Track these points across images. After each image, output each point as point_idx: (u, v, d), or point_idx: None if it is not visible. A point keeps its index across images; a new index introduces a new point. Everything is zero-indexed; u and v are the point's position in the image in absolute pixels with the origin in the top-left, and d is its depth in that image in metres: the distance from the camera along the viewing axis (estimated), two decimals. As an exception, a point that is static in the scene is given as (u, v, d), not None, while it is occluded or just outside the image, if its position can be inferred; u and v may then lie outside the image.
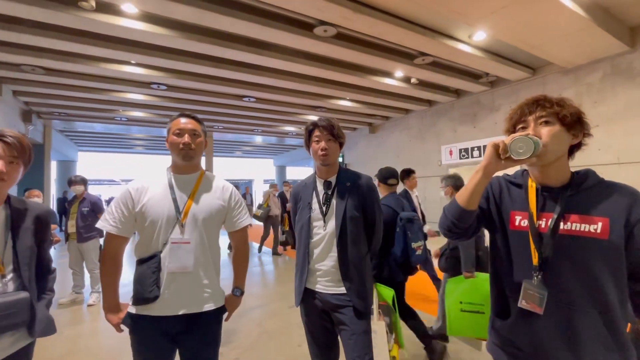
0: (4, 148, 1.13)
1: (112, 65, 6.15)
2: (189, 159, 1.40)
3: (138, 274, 1.31)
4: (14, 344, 1.13)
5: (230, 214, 1.50)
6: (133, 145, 17.51)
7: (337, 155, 1.61)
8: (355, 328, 1.46)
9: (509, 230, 1.02)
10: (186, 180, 1.42)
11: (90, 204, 4.17)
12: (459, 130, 9.16)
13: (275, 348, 2.88)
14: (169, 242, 1.32)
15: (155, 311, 1.30)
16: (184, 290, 1.33)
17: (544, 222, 0.96)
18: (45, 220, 1.29)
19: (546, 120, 0.94)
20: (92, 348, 2.96)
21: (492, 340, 1.06)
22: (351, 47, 5.52)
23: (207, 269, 1.39)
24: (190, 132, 1.39)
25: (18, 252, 1.15)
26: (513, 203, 1.03)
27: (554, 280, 0.91)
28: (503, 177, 1.11)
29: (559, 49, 5.70)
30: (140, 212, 1.34)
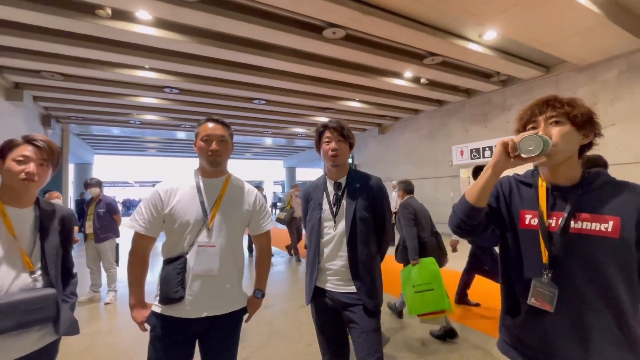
0: (34, 151, 1.20)
1: (127, 70, 6.33)
2: (216, 165, 1.43)
3: (164, 274, 1.34)
4: (41, 340, 1.19)
5: (255, 218, 1.53)
6: (146, 148, 17.90)
7: (347, 156, 1.64)
8: (365, 326, 1.48)
9: (519, 229, 1.03)
10: (213, 184, 1.45)
11: (105, 205, 4.29)
12: (470, 130, 9.06)
13: (286, 347, 2.92)
14: (195, 245, 1.35)
15: (179, 313, 1.32)
16: (207, 293, 1.35)
17: (554, 220, 0.96)
18: (69, 221, 1.36)
19: (556, 120, 0.94)
20: (109, 344, 3.06)
21: (502, 337, 1.07)
22: (360, 49, 5.54)
23: (231, 273, 1.42)
24: (218, 138, 1.41)
25: (45, 251, 1.22)
26: (523, 202, 1.04)
27: (564, 279, 0.92)
28: (513, 177, 1.12)
29: (572, 46, 5.60)
30: (169, 214, 1.37)
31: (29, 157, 1.18)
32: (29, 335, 1.15)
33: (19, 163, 1.17)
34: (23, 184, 1.17)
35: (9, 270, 1.13)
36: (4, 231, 1.15)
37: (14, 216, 1.18)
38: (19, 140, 1.20)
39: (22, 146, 1.19)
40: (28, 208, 1.23)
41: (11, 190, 1.19)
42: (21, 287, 1.14)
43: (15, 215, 1.19)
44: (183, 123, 10.87)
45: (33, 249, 1.20)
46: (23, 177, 1.16)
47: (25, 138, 1.21)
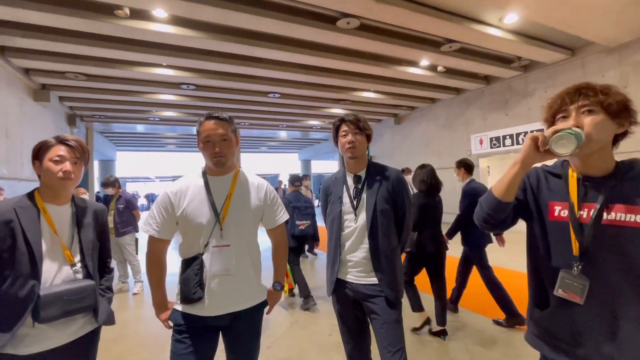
0: (68, 151, 1.27)
1: (145, 68, 6.48)
2: (221, 166, 1.40)
3: (183, 276, 1.36)
4: (83, 327, 1.28)
5: (268, 212, 1.52)
6: (165, 144, 18.37)
7: (364, 147, 1.64)
8: (387, 317, 1.50)
9: (548, 220, 1.01)
10: (222, 182, 1.43)
11: (125, 201, 4.47)
12: (490, 118, 8.79)
13: (307, 337, 2.99)
14: (210, 245, 1.35)
15: (200, 311, 1.34)
16: (226, 291, 1.36)
17: (585, 212, 0.94)
18: (102, 216, 1.43)
19: (589, 109, 0.90)
20: (140, 332, 3.22)
21: (530, 330, 1.06)
22: (375, 38, 5.44)
23: (247, 269, 1.42)
24: (219, 138, 1.36)
25: (83, 245, 1.30)
26: (552, 194, 1.02)
27: (595, 271, 0.90)
28: (541, 168, 1.09)
29: (600, 26, 5.30)
30: (182, 216, 1.36)
31: (64, 157, 1.25)
32: (73, 323, 1.24)
33: (56, 163, 1.23)
34: (61, 183, 1.23)
35: (53, 264, 1.21)
36: (47, 227, 1.23)
37: (54, 213, 1.26)
38: (52, 141, 1.26)
39: (56, 146, 1.25)
40: (66, 205, 1.31)
41: (50, 189, 1.26)
42: (63, 279, 1.23)
43: (55, 212, 1.26)
44: (200, 119, 11.05)
45: (72, 243, 1.28)
46: (61, 175, 1.23)
47: (57, 139, 1.27)
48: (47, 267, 1.19)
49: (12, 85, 6.22)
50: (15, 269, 1.14)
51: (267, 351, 2.73)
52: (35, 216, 1.21)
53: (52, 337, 1.19)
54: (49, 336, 1.18)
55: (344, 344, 1.71)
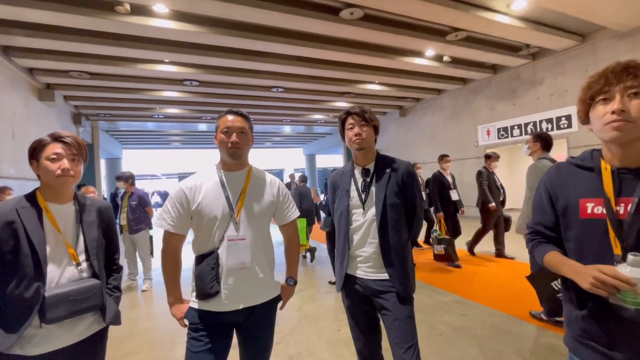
0: (64, 148, 1.23)
1: (148, 65, 6.46)
2: (237, 158, 1.41)
3: (198, 271, 1.35)
4: (91, 327, 1.27)
5: (280, 208, 1.53)
6: (170, 141, 18.43)
7: (371, 139, 1.59)
8: (399, 314, 1.46)
9: (579, 220, 0.93)
10: (236, 177, 1.44)
11: (137, 198, 4.47)
12: (497, 108, 8.64)
13: (316, 333, 2.97)
14: (225, 239, 1.36)
15: (216, 307, 1.34)
16: (242, 285, 1.37)
17: (622, 207, 0.86)
18: (106, 213, 1.40)
19: (637, 92, 0.81)
20: (149, 329, 3.24)
21: (567, 332, 1.00)
22: (379, 29, 5.34)
23: (262, 263, 1.43)
24: (237, 130, 1.39)
25: (87, 244, 1.28)
26: (581, 190, 0.93)
27: None
28: (567, 162, 1.01)
29: (612, 11, 5.13)
30: (197, 210, 1.37)
31: (60, 154, 1.21)
32: (80, 323, 1.23)
33: (52, 161, 1.20)
34: (60, 181, 1.21)
35: (58, 264, 1.19)
36: (50, 227, 1.20)
37: (57, 212, 1.23)
38: (47, 139, 1.23)
39: (51, 144, 1.22)
40: (68, 203, 1.28)
41: (50, 188, 1.23)
42: (69, 279, 1.21)
43: (57, 211, 1.24)
44: (204, 115, 11.06)
45: (77, 242, 1.26)
46: (59, 173, 1.20)
47: (52, 136, 1.24)
48: (52, 268, 1.17)
49: (17, 86, 6.25)
50: (20, 270, 1.12)
51: (276, 347, 2.70)
52: (37, 216, 1.18)
53: (59, 337, 1.18)
54: (56, 336, 1.17)
55: (354, 340, 1.68)
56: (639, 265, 0.75)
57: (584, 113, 0.95)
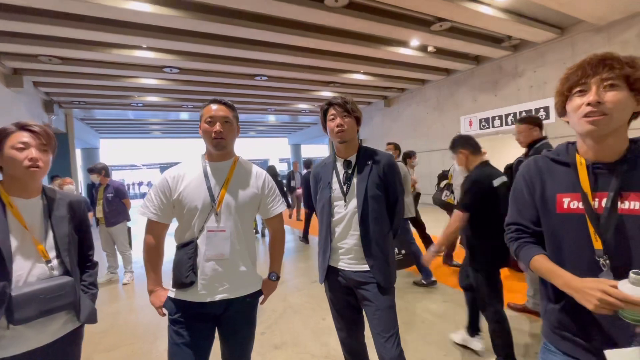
0: (32, 137, 1.15)
1: (124, 50, 6.17)
2: (221, 148, 1.39)
3: (176, 260, 1.35)
4: (65, 326, 1.21)
5: (265, 202, 1.51)
6: (150, 130, 17.85)
7: (354, 131, 1.57)
8: (380, 304, 1.49)
9: (555, 214, 0.94)
10: (220, 168, 1.42)
11: (114, 189, 4.32)
12: (479, 99, 8.78)
13: (301, 322, 3.00)
14: (205, 230, 1.35)
15: (193, 297, 1.34)
16: (221, 277, 1.36)
17: (596, 202, 0.87)
18: (79, 207, 1.33)
19: (612, 84, 0.82)
20: (130, 323, 3.19)
21: (544, 322, 1.02)
22: (364, 17, 5.27)
23: (243, 256, 1.42)
24: (221, 119, 1.37)
25: (57, 240, 1.21)
26: (558, 185, 0.94)
27: (620, 266, 0.84)
28: (543, 156, 1.01)
29: (591, 4, 5.25)
30: (178, 199, 1.36)
31: (28, 143, 1.13)
32: (53, 322, 1.17)
33: (19, 150, 1.12)
34: (28, 172, 1.13)
35: (25, 261, 1.13)
36: (15, 223, 1.13)
37: (22, 207, 1.16)
38: (12, 128, 1.15)
39: (17, 133, 1.14)
40: (35, 197, 1.20)
41: (16, 180, 1.15)
42: (39, 277, 1.15)
43: (23, 205, 1.16)
44: (185, 103, 10.74)
45: (46, 238, 1.19)
46: (28, 164, 1.12)
47: (17, 125, 1.16)
48: (19, 265, 1.11)
49: (-19, 70, 5.85)
50: None
51: (261, 337, 2.73)
52: (0, 212, 1.11)
53: (30, 338, 1.12)
54: (27, 337, 1.11)
55: (337, 331, 1.71)
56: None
57: (561, 105, 0.95)
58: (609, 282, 0.78)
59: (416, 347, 2.46)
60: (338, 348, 2.48)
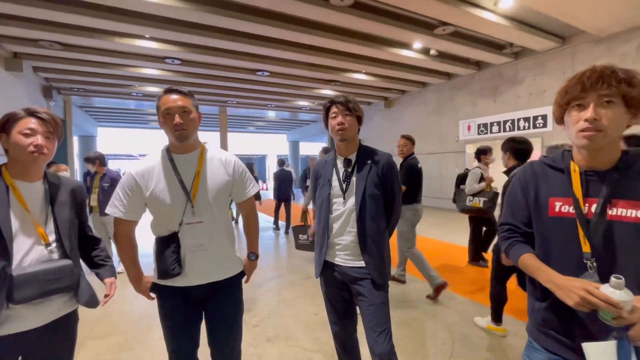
0: (39, 124, 1.18)
1: (127, 39, 6.14)
2: (184, 139, 1.35)
3: (159, 253, 1.36)
4: (61, 309, 1.24)
5: (238, 186, 1.51)
6: (149, 121, 17.74)
7: (354, 129, 1.60)
8: (374, 299, 1.53)
9: (547, 217, 0.98)
10: (188, 160, 1.40)
11: (110, 179, 4.31)
12: (479, 104, 8.85)
13: (294, 316, 3.04)
14: (184, 223, 1.36)
15: (178, 283, 1.38)
16: (203, 265, 1.40)
17: (587, 207, 0.91)
18: (80, 193, 1.36)
19: (609, 101, 0.84)
20: (124, 311, 3.20)
21: (531, 323, 1.06)
22: (368, 17, 5.30)
23: (222, 242, 1.45)
24: (179, 110, 1.31)
25: (58, 224, 1.23)
26: (552, 189, 0.98)
27: (605, 269, 0.88)
28: (539, 161, 1.05)
29: (593, 15, 5.32)
30: (151, 197, 1.34)
31: (35, 130, 1.16)
32: (51, 304, 1.20)
33: (26, 136, 1.15)
34: (32, 157, 1.15)
35: (25, 243, 1.15)
36: (17, 205, 1.15)
37: (25, 190, 1.18)
38: (21, 113, 1.17)
39: (25, 119, 1.17)
40: (37, 182, 1.23)
41: (20, 164, 1.18)
42: (38, 259, 1.17)
43: (26, 188, 1.19)
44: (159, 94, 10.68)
45: (46, 221, 1.22)
46: (32, 149, 1.15)
47: (27, 111, 1.18)
48: (18, 246, 1.13)
49: (-19, 53, 5.80)
50: None
51: (254, 329, 2.77)
52: (3, 192, 1.13)
53: (27, 319, 1.15)
54: (24, 317, 1.14)
55: (331, 325, 1.74)
56: (621, 287, 0.79)
57: (559, 115, 0.99)
58: (593, 283, 0.83)
59: (406, 344, 2.51)
60: (330, 343, 2.53)
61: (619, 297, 0.78)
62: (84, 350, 2.49)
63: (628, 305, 0.79)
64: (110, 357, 2.42)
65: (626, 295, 0.79)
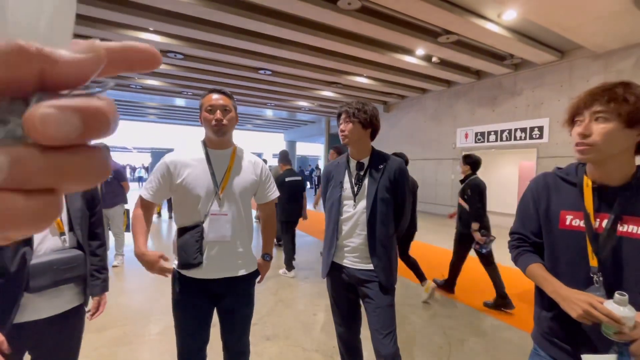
0: None
1: (130, 31, 6.09)
2: (221, 135, 1.45)
3: (182, 242, 1.40)
4: (71, 301, 1.25)
5: (262, 188, 1.60)
6: (146, 114, 17.58)
7: (356, 134, 1.61)
8: (380, 302, 1.56)
9: (557, 229, 0.99)
10: (221, 156, 1.49)
11: (113, 172, 4.29)
12: (477, 113, 8.97)
13: (292, 316, 3.06)
14: (209, 214, 1.42)
15: (197, 274, 1.43)
16: (222, 257, 1.45)
17: (597, 222, 0.93)
18: None
19: (602, 117, 0.88)
20: (121, 305, 3.18)
21: (537, 330, 1.09)
22: (374, 22, 5.35)
23: (242, 238, 1.51)
24: (221, 107, 1.43)
25: (71, 213, 1.24)
26: (563, 202, 0.99)
27: (611, 284, 0.89)
28: (553, 174, 1.07)
29: (592, 31, 5.44)
30: (181, 185, 1.41)
31: None
32: (62, 294, 1.22)
33: None
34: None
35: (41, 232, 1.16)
36: None
37: None
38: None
39: None
40: None
41: None
42: (52, 249, 1.19)
43: None
44: (185, 90, 10.63)
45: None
46: None
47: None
48: (36, 236, 1.15)
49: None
50: None
51: (253, 328, 2.73)
52: None
53: (41, 308, 1.16)
54: (37, 307, 1.15)
55: (336, 325, 1.77)
56: (625, 304, 0.81)
57: (570, 131, 1.03)
58: (597, 298, 0.86)
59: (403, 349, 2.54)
60: (328, 343, 2.56)
61: (621, 313, 0.81)
62: (82, 343, 2.47)
63: (630, 321, 0.81)
64: (108, 350, 2.41)
65: (629, 312, 0.81)
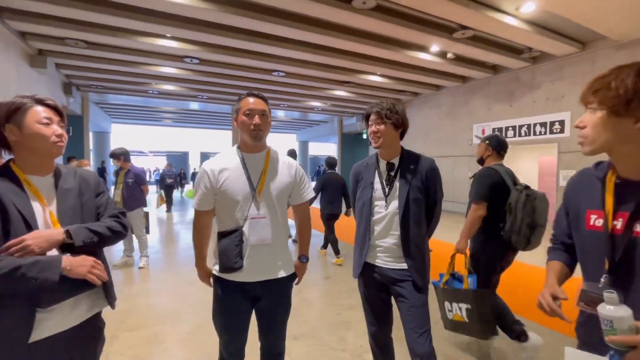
0: (51, 112, 1.09)
1: (149, 38, 6.25)
2: (259, 139, 1.47)
3: (223, 246, 1.44)
4: (90, 310, 1.14)
5: (297, 188, 1.60)
6: (162, 118, 17.97)
7: (389, 136, 1.62)
8: (415, 301, 1.56)
9: (584, 230, 0.95)
10: (256, 159, 1.51)
11: (134, 175, 4.40)
12: (494, 108, 8.79)
13: (316, 316, 3.08)
14: (249, 218, 1.44)
15: (236, 277, 1.45)
16: (262, 260, 1.46)
17: (619, 222, 0.86)
18: (90, 181, 1.23)
19: (592, 107, 0.86)
20: (150, 305, 3.28)
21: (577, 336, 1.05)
22: (389, 20, 5.32)
23: (282, 240, 1.53)
24: (259, 112, 1.45)
25: (60, 212, 1.10)
26: (589, 201, 0.95)
27: (624, 284, 0.84)
28: (587, 170, 1.01)
29: (615, 21, 5.26)
30: (220, 191, 1.45)
31: (52, 119, 1.08)
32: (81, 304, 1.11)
33: (46, 126, 1.05)
34: (56, 148, 1.07)
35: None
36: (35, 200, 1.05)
37: (38, 184, 1.08)
38: (27, 102, 1.05)
39: (35, 107, 1.06)
40: (50, 174, 1.13)
41: (37, 157, 1.08)
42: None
43: (39, 183, 1.09)
44: (200, 94, 10.82)
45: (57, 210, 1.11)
46: (55, 140, 1.07)
47: (32, 98, 1.07)
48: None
49: (8, 49, 5.94)
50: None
51: (279, 328, 2.81)
52: (20, 190, 1.03)
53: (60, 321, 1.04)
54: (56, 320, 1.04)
55: (368, 325, 1.78)
56: (614, 302, 0.76)
57: None
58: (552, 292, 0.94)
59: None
60: (355, 342, 2.57)
61: (610, 312, 0.75)
62: (117, 342, 2.56)
63: (622, 322, 0.74)
64: (142, 350, 2.49)
65: (623, 312, 0.74)
